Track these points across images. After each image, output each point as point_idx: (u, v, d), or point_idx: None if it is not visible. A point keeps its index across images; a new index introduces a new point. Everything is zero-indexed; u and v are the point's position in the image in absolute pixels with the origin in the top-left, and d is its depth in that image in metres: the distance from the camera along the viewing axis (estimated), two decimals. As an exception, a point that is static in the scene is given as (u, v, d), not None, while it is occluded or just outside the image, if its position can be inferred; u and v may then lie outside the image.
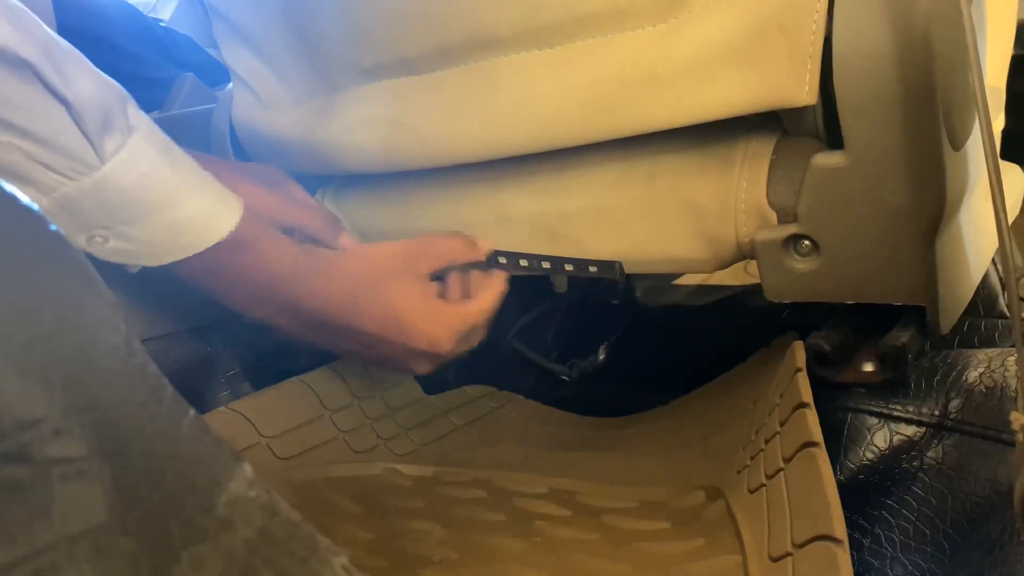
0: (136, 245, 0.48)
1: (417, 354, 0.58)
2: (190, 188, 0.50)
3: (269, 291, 0.54)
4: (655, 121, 0.49)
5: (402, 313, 0.56)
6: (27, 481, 0.18)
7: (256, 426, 0.63)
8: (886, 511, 0.46)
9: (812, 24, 0.42)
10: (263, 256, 0.53)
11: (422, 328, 0.57)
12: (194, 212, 0.49)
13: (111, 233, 0.48)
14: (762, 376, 0.59)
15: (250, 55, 0.68)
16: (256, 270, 0.53)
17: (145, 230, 0.48)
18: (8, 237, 0.21)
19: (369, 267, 0.58)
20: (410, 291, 0.57)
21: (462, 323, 0.58)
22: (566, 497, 0.57)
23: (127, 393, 0.21)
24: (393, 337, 0.56)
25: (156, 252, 0.49)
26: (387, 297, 0.56)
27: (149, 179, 0.48)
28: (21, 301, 0.20)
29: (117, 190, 0.46)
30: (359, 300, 0.56)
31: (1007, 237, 0.34)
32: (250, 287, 0.54)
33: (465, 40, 0.54)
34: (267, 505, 0.23)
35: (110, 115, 0.46)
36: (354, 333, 0.56)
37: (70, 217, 0.46)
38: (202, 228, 0.50)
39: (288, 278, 0.54)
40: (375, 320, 0.56)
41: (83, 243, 0.48)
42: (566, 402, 0.83)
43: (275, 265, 0.54)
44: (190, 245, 0.50)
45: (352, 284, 0.56)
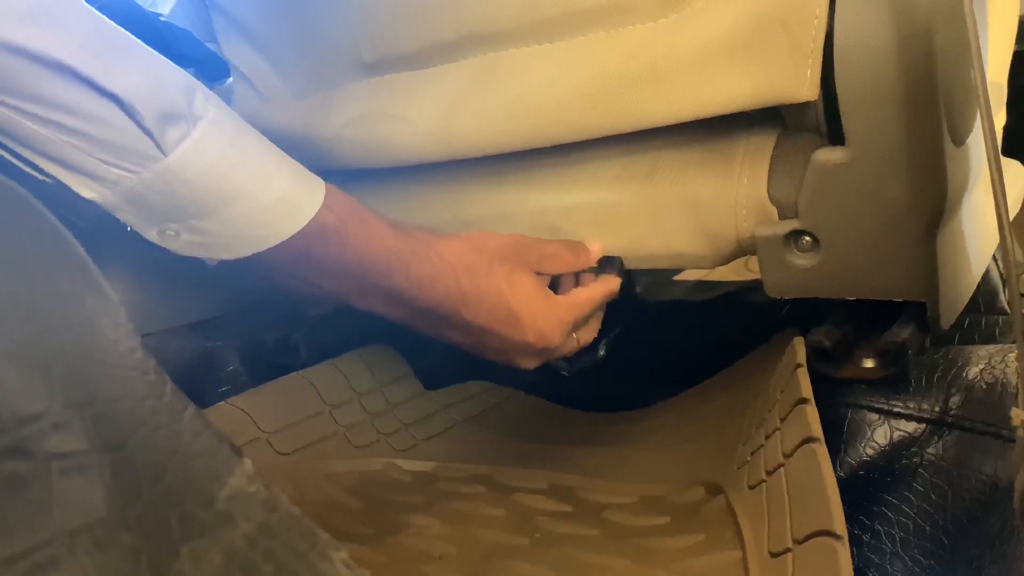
0: (210, 238, 0.46)
1: (524, 348, 0.55)
2: (265, 176, 0.47)
3: (362, 279, 0.51)
4: (656, 116, 0.49)
5: (511, 302, 0.53)
6: (27, 475, 0.18)
7: (256, 421, 0.63)
8: (886, 507, 0.46)
9: (814, 19, 0.42)
10: (351, 242, 0.50)
11: (531, 320, 0.53)
12: (270, 201, 0.47)
13: (182, 227, 0.46)
14: (762, 372, 0.59)
15: (250, 49, 0.67)
16: (345, 257, 0.50)
17: (218, 223, 0.46)
18: (8, 233, 0.21)
19: (477, 253, 0.54)
20: (520, 280, 0.54)
21: (570, 314, 0.55)
22: (566, 492, 0.57)
23: (127, 388, 0.21)
24: (501, 328, 0.53)
25: (232, 244, 0.47)
26: (496, 285, 0.53)
27: (218, 170, 0.45)
28: (21, 296, 0.20)
29: (184, 183, 0.44)
30: (465, 287, 0.52)
31: (1008, 233, 0.34)
32: (341, 276, 0.50)
33: (465, 35, 0.54)
34: (267, 500, 0.23)
35: (171, 105, 0.44)
36: (458, 323, 0.53)
37: (137, 211, 0.45)
38: (281, 217, 0.47)
39: (383, 264, 0.51)
40: (482, 309, 0.53)
41: (155, 237, 0.46)
42: (566, 397, 0.83)
43: (366, 250, 0.50)
44: (270, 235, 0.47)
45: (457, 270, 0.53)
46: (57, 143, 0.42)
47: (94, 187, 0.44)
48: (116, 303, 0.23)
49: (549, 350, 0.56)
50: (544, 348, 0.55)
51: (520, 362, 0.57)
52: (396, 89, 0.60)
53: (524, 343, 0.54)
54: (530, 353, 0.56)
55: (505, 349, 0.55)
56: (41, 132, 0.41)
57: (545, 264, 0.56)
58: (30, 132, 0.41)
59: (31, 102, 0.40)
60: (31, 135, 0.41)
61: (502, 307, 0.53)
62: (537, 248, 0.56)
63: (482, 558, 0.47)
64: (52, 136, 0.41)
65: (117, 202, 0.44)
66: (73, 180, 0.44)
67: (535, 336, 0.54)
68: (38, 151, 0.42)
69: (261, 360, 0.72)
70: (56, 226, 0.22)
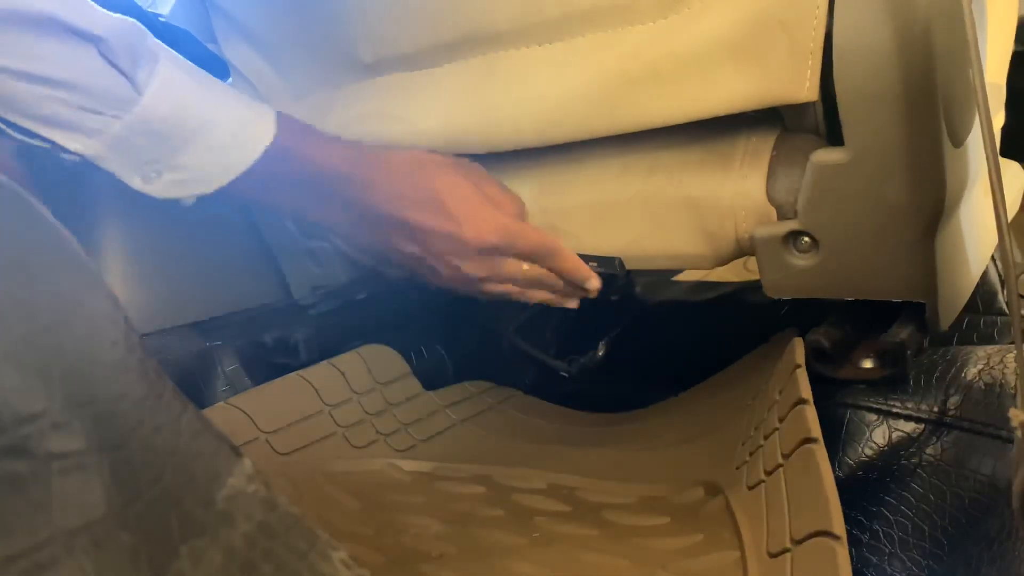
0: (189, 173, 0.49)
1: (464, 247, 0.56)
2: (224, 105, 0.51)
3: (320, 188, 0.55)
4: (656, 117, 0.49)
5: (450, 200, 0.55)
6: (26, 475, 0.18)
7: (255, 421, 0.63)
8: (885, 507, 0.46)
9: (813, 20, 0.42)
10: (310, 156, 0.54)
11: (470, 216, 0.55)
12: (235, 127, 0.51)
13: (163, 166, 0.49)
14: (761, 372, 0.59)
15: (250, 50, 0.67)
16: (306, 171, 0.54)
17: (194, 155, 0.49)
18: (8, 233, 0.21)
19: (422, 161, 0.57)
20: (461, 183, 0.56)
21: (511, 225, 0.56)
22: (565, 493, 0.57)
23: (126, 388, 0.21)
24: (442, 226, 0.55)
25: (209, 176, 0.50)
26: (438, 185, 0.55)
27: (186, 102, 0.49)
28: (21, 296, 0.20)
29: (160, 120, 0.47)
30: (409, 188, 0.55)
31: (1007, 234, 0.34)
32: (303, 189, 0.54)
33: (465, 35, 0.54)
34: (266, 499, 0.23)
35: (135, 46, 0.47)
36: (403, 225, 0.56)
37: (122, 157, 0.47)
38: (247, 140, 0.51)
39: (339, 170, 0.55)
40: (425, 209, 0.55)
41: (140, 184, 0.49)
42: (565, 398, 0.83)
43: (324, 161, 0.54)
44: (239, 160, 0.51)
45: (404, 172, 0.56)
46: (44, 99, 0.44)
47: (82, 140, 0.46)
48: (116, 303, 0.23)
49: (490, 257, 0.57)
50: (483, 249, 0.56)
51: (464, 268, 0.57)
52: (396, 89, 0.60)
53: (463, 240, 0.55)
54: (471, 255, 0.56)
55: (446, 253, 0.56)
56: (29, 90, 0.44)
57: (487, 187, 0.58)
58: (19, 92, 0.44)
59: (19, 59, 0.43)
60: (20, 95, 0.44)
61: (435, 200, 0.55)
62: (478, 171, 0.59)
63: (481, 558, 0.47)
64: (40, 92, 0.44)
65: (103, 151, 0.47)
66: (61, 136, 0.46)
67: (473, 232, 0.55)
68: (27, 113, 0.45)
69: (260, 360, 0.72)
70: (56, 226, 0.22)
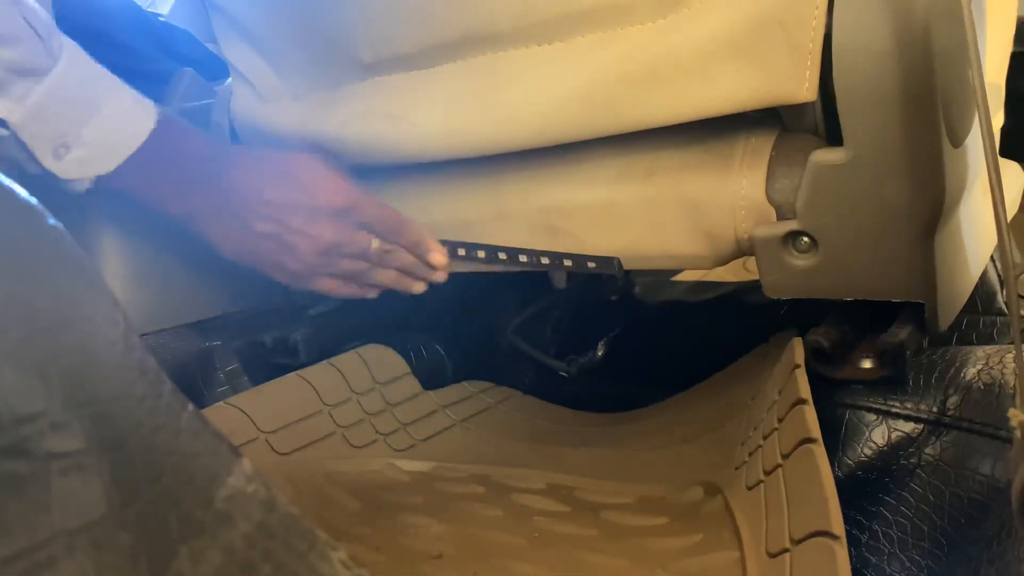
0: (93, 149, 0.54)
1: (315, 209, 0.60)
2: (117, 84, 0.56)
3: (194, 173, 0.59)
4: (655, 117, 0.49)
5: (298, 169, 0.60)
6: (26, 475, 0.18)
7: (254, 421, 0.63)
8: (884, 507, 0.46)
9: (812, 20, 0.42)
10: (185, 142, 0.59)
11: (317, 180, 0.60)
12: (128, 104, 0.56)
13: (71, 139, 0.53)
14: (760, 372, 0.59)
15: (249, 50, 0.67)
16: (184, 152, 0.59)
17: (99, 129, 0.54)
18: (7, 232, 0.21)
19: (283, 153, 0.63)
20: (306, 157, 0.61)
21: (358, 192, 0.61)
22: (564, 492, 0.57)
23: (126, 387, 0.21)
24: (292, 194, 0.59)
25: (108, 153, 0.55)
26: (286, 162, 0.61)
27: (91, 77, 0.54)
28: (20, 296, 0.20)
29: (73, 86, 0.52)
30: (264, 169, 0.60)
31: (1006, 234, 0.34)
32: (177, 175, 0.59)
33: (464, 35, 0.54)
34: (266, 500, 0.23)
35: (45, 17, 0.51)
36: (261, 206, 0.59)
37: (39, 127, 0.51)
38: (139, 116, 0.56)
39: (210, 157, 0.60)
40: (274, 180, 0.60)
41: (51, 161, 0.53)
42: (565, 398, 0.83)
43: (197, 145, 0.60)
44: (135, 135, 0.56)
45: (260, 156, 0.62)
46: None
47: (7, 105, 0.50)
48: (115, 302, 0.23)
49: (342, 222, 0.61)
50: (334, 211, 0.60)
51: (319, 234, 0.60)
52: (395, 89, 0.60)
53: (315, 206, 0.60)
54: (324, 219, 0.60)
55: (301, 224, 0.60)
56: None
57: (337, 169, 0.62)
58: None
59: None
60: None
61: (295, 178, 0.60)
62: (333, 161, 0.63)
63: (480, 558, 0.47)
64: None
65: (24, 121, 0.51)
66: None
67: (324, 198, 0.60)
68: None
69: (260, 360, 0.72)
70: (55, 226, 0.22)
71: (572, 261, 0.59)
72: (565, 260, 0.59)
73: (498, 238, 0.62)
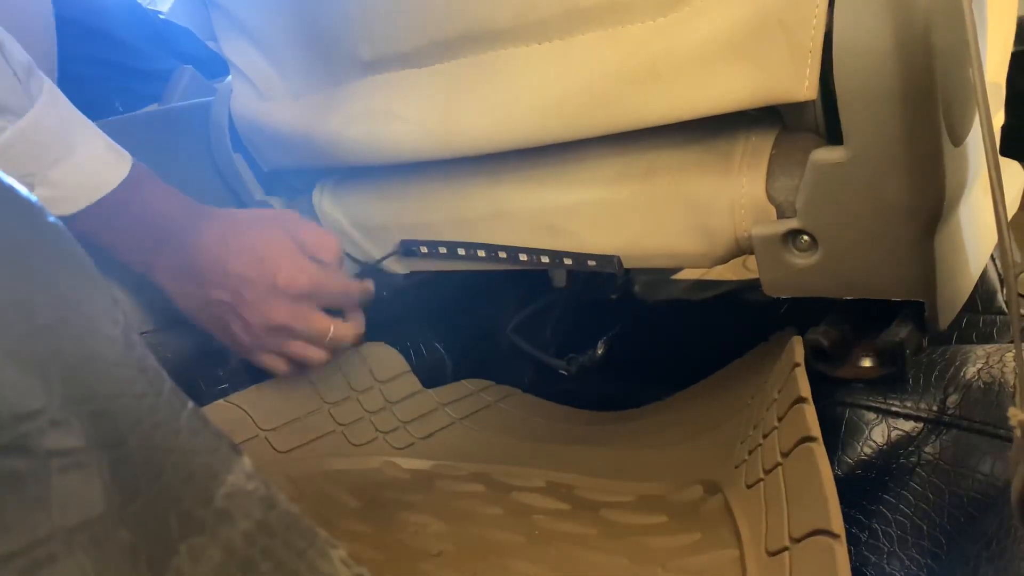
0: (58, 190, 0.53)
1: (273, 292, 0.59)
2: (94, 132, 0.56)
3: (157, 231, 0.58)
4: (655, 115, 0.49)
5: (261, 245, 0.60)
6: (25, 472, 0.18)
7: (254, 419, 0.63)
8: (883, 506, 0.46)
9: (813, 19, 0.42)
10: (154, 199, 0.58)
11: (277, 263, 0.59)
12: (101, 150, 0.55)
13: (37, 179, 0.52)
14: (760, 371, 0.59)
15: (249, 48, 0.67)
16: (147, 212, 0.58)
17: (67, 172, 0.53)
18: (7, 230, 0.21)
19: (246, 214, 0.63)
20: (273, 233, 0.61)
21: (319, 275, 0.61)
22: (564, 491, 0.57)
23: (125, 385, 0.21)
24: (253, 273, 0.59)
25: (72, 197, 0.54)
26: (252, 236, 0.60)
27: (67, 120, 0.54)
28: (20, 294, 0.20)
29: (46, 130, 0.52)
30: (229, 238, 0.60)
31: (1006, 233, 0.34)
32: (142, 227, 0.58)
33: (464, 33, 0.54)
34: (266, 498, 0.23)
35: (26, 59, 0.51)
36: (220, 276, 0.59)
37: (6, 162, 0.51)
38: (110, 165, 0.56)
39: (176, 217, 0.59)
40: (239, 257, 0.59)
41: None
42: (564, 396, 0.83)
43: (165, 203, 0.59)
44: (101, 185, 0.55)
45: (226, 225, 0.60)
46: None
47: None
48: (115, 300, 0.23)
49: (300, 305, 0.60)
50: (292, 294, 0.60)
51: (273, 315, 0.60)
52: (395, 87, 0.60)
53: (272, 285, 0.59)
54: (282, 302, 0.60)
55: (257, 301, 0.59)
56: None
57: (303, 234, 0.62)
58: None
59: None
60: None
61: (252, 250, 0.60)
62: (294, 219, 0.63)
63: (480, 556, 0.47)
64: None
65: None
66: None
67: (283, 279, 0.59)
68: None
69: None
70: (55, 224, 0.22)
71: (572, 259, 0.59)
72: (565, 258, 0.59)
73: (498, 237, 0.62)
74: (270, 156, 0.72)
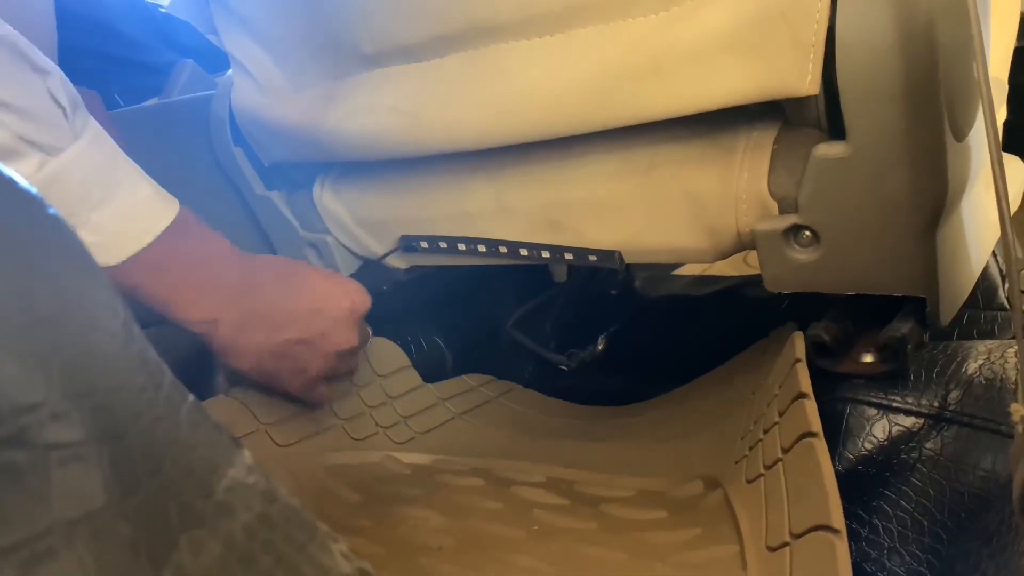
0: (100, 236, 0.51)
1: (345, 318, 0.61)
2: (139, 175, 0.54)
3: (211, 277, 0.56)
4: (656, 110, 0.49)
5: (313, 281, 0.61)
6: (25, 465, 0.18)
7: (255, 413, 0.63)
8: (884, 502, 0.46)
9: (815, 13, 0.41)
10: (203, 240, 0.57)
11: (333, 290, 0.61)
12: (147, 194, 0.53)
13: (79, 221, 0.50)
14: (761, 366, 0.59)
15: (250, 41, 0.67)
16: (199, 255, 0.56)
17: (109, 216, 0.51)
18: (7, 222, 0.20)
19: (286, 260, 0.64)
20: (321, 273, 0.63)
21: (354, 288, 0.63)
22: (564, 486, 0.57)
23: (126, 378, 0.21)
24: (320, 304, 0.60)
25: (118, 243, 0.52)
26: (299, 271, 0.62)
27: (111, 160, 0.52)
28: (20, 286, 0.20)
29: (90, 168, 0.50)
30: (288, 279, 0.60)
31: (1009, 229, 0.34)
32: (194, 275, 0.56)
33: (466, 27, 0.54)
34: (266, 491, 0.23)
35: (73, 92, 0.49)
36: (289, 314, 0.59)
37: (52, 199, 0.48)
38: (155, 211, 0.53)
39: (227, 260, 0.58)
40: (301, 292, 0.60)
41: None
42: (565, 391, 0.83)
43: (214, 248, 0.57)
44: (147, 230, 0.52)
45: (281, 266, 0.62)
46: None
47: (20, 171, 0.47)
48: (115, 293, 0.23)
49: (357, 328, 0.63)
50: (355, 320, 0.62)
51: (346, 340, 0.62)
52: (396, 81, 0.59)
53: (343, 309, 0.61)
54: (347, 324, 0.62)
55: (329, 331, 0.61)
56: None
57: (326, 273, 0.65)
58: None
59: None
60: None
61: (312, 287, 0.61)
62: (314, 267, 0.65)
63: (480, 551, 0.47)
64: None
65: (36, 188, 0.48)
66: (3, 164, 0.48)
67: (346, 307, 0.61)
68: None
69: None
70: (55, 217, 0.22)
71: (573, 255, 0.59)
72: (566, 253, 0.59)
73: (499, 231, 0.62)
74: (271, 150, 0.72)
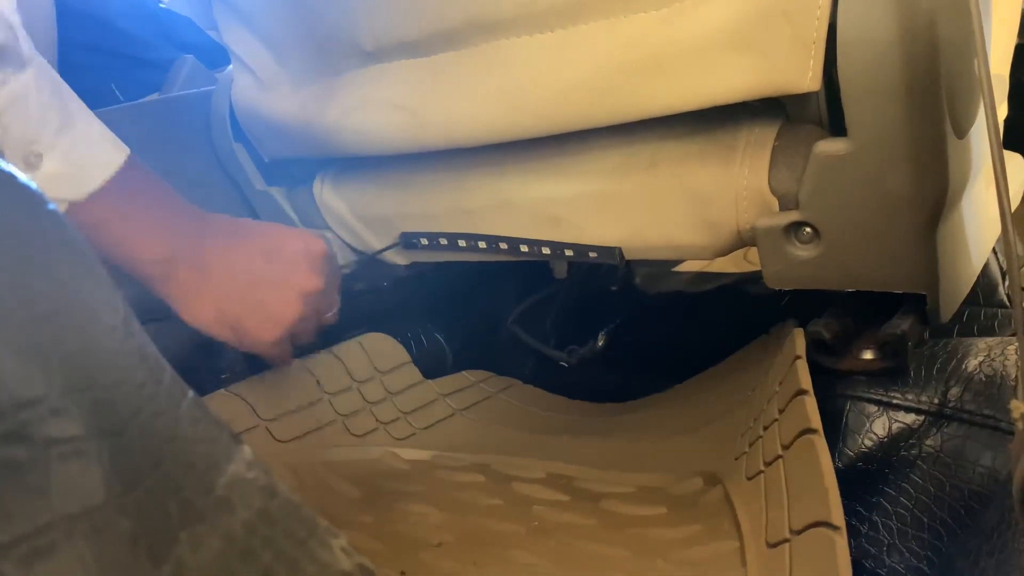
0: (67, 166, 0.50)
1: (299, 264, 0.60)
2: (86, 110, 0.53)
3: (170, 215, 0.56)
4: (657, 106, 0.49)
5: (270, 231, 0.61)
6: (25, 460, 0.18)
7: (255, 408, 0.63)
8: (884, 498, 0.46)
9: (816, 10, 0.41)
10: (156, 180, 0.56)
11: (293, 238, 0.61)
12: (100, 128, 0.53)
13: (43, 146, 0.50)
14: (761, 363, 0.59)
15: (250, 37, 0.67)
16: (156, 192, 0.56)
17: (71, 144, 0.51)
18: (7, 219, 0.20)
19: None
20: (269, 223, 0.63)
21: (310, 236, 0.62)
22: (564, 482, 0.57)
23: (126, 374, 0.21)
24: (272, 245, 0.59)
25: (84, 174, 0.51)
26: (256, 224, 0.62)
27: (63, 88, 0.52)
28: (20, 282, 0.20)
29: (48, 91, 0.50)
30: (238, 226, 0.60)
31: (1010, 226, 0.34)
32: (153, 211, 0.55)
33: (467, 23, 0.54)
34: (266, 487, 0.23)
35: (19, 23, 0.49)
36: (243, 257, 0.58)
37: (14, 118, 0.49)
38: (113, 144, 0.53)
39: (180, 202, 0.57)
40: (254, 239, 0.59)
41: (22, 166, 0.50)
42: (565, 388, 0.83)
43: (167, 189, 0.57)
44: (109, 163, 0.52)
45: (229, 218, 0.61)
46: None
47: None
48: (115, 289, 0.23)
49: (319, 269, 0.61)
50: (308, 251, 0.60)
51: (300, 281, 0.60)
52: (397, 77, 0.59)
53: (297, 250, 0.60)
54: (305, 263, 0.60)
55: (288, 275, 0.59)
56: None
57: None
58: None
59: None
60: None
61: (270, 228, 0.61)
62: None
63: (480, 546, 0.47)
64: None
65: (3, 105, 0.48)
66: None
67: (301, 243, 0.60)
68: None
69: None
70: (55, 212, 0.22)
71: (573, 251, 0.59)
72: (566, 250, 0.59)
73: (499, 228, 0.62)
74: (271, 146, 0.72)
